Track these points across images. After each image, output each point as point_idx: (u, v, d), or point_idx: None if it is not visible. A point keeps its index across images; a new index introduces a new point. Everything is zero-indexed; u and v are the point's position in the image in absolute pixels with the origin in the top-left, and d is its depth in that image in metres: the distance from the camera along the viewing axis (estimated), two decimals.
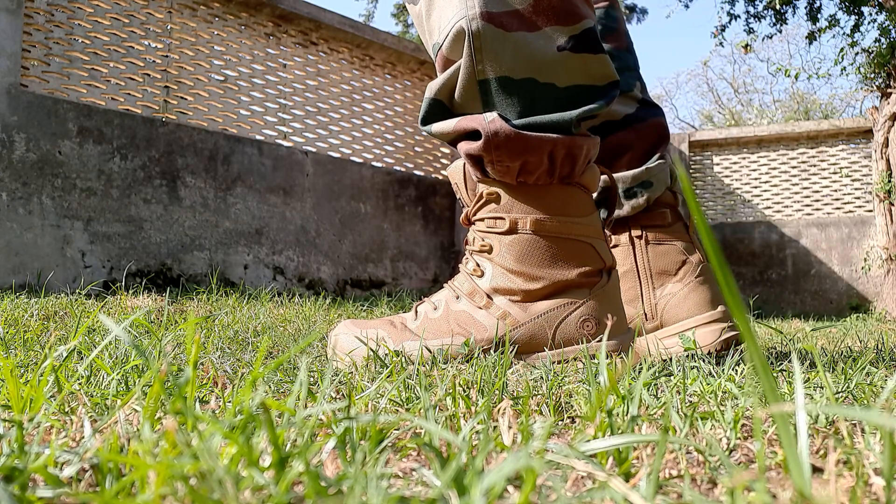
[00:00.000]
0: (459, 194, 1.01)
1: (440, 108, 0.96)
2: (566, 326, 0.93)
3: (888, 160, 4.89)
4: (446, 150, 4.92)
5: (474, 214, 0.99)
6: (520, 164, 0.91)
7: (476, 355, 0.90)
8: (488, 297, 0.96)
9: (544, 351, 0.92)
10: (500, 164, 0.92)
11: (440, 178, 4.83)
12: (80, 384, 0.60)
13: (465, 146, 0.93)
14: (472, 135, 0.93)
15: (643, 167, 1.18)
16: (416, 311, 0.99)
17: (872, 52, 4.81)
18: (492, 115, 0.90)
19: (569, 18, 0.92)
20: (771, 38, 5.58)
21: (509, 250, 0.95)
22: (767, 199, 5.90)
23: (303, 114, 4.18)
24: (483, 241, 0.97)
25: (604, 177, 1.05)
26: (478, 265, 0.98)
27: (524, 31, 0.90)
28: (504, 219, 0.95)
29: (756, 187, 5.94)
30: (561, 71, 0.91)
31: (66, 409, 0.52)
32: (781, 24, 5.52)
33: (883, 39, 4.79)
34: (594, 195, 1.03)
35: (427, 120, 0.97)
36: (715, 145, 6.07)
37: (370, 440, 0.37)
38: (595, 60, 0.93)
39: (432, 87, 0.95)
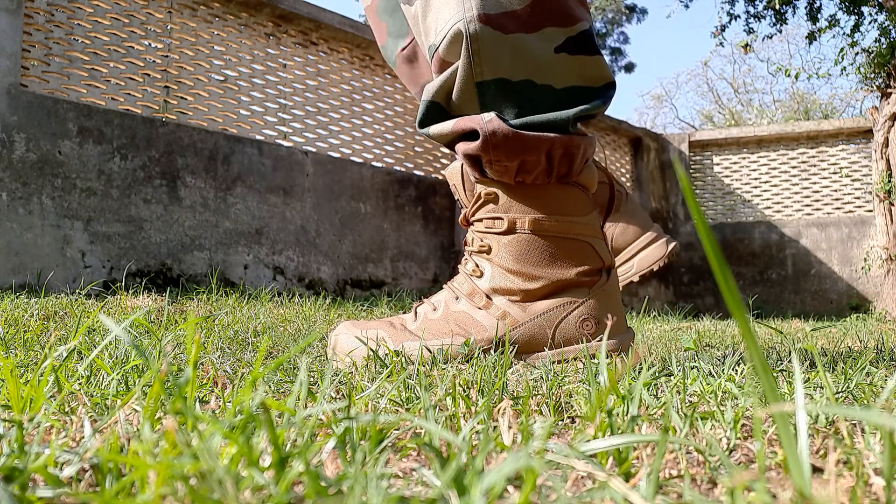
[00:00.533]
0: (458, 195, 1.01)
1: (437, 111, 0.95)
2: (566, 326, 0.93)
3: (888, 160, 4.89)
4: (446, 150, 4.92)
5: (473, 215, 0.99)
6: (518, 163, 0.91)
7: (476, 355, 0.90)
8: (487, 297, 0.95)
9: (544, 351, 0.92)
10: (498, 164, 0.91)
11: (440, 178, 4.82)
12: (80, 384, 0.60)
13: (463, 147, 0.93)
14: (470, 135, 0.92)
15: None
16: (416, 312, 0.99)
17: (872, 52, 4.81)
18: (489, 115, 0.90)
19: (565, 20, 0.91)
20: (771, 38, 5.59)
21: (508, 250, 0.95)
22: (767, 199, 5.90)
23: (303, 114, 4.18)
24: (482, 241, 0.97)
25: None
26: (477, 266, 0.98)
27: (521, 32, 0.90)
28: (502, 219, 0.95)
29: (756, 187, 5.95)
30: (558, 72, 0.91)
31: (66, 409, 0.52)
32: (781, 24, 5.52)
33: (883, 39, 4.80)
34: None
35: (424, 122, 0.97)
36: (715, 145, 6.07)
37: (370, 440, 0.37)
38: (591, 62, 0.93)
39: (429, 90, 0.95)
